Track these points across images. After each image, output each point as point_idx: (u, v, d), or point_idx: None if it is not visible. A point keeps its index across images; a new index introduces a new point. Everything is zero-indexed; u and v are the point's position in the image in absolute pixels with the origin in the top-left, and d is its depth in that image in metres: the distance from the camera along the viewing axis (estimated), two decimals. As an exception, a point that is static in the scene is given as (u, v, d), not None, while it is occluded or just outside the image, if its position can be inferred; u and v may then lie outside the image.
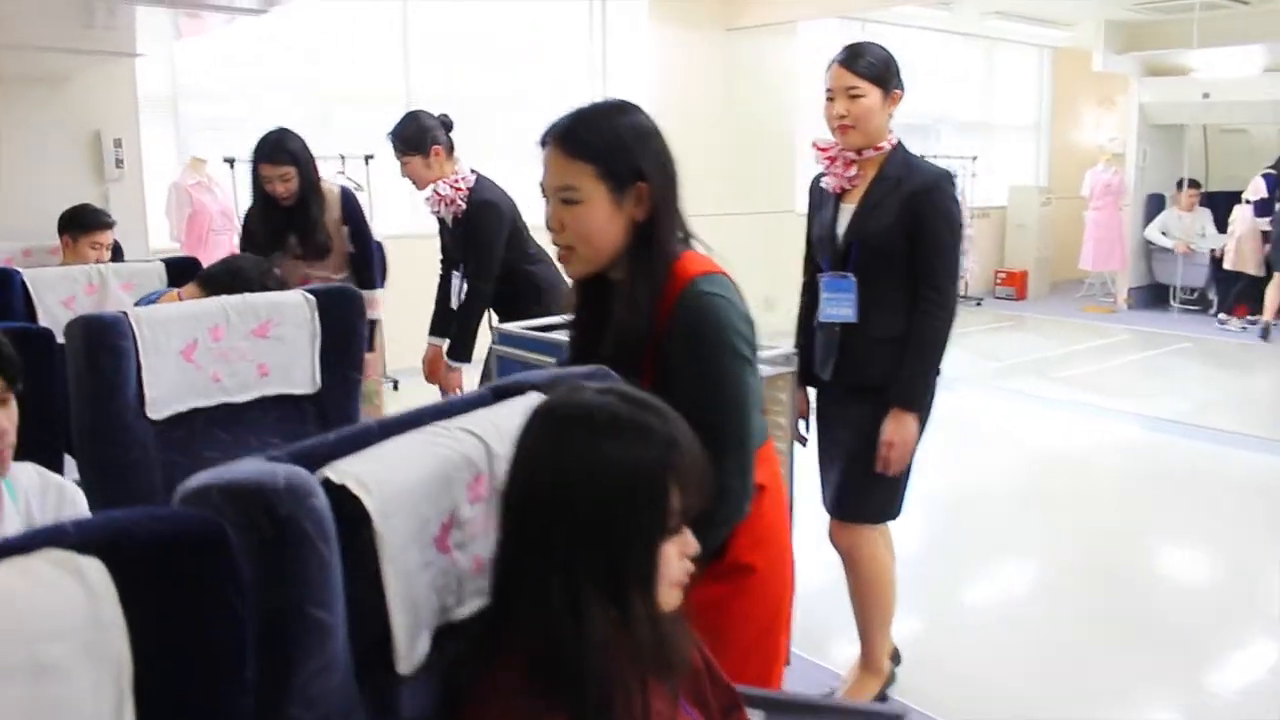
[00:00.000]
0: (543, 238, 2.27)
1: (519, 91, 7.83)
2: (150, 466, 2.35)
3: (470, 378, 3.81)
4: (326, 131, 6.62)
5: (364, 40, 7.28)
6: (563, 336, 3.43)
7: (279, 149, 3.80)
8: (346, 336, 2.62)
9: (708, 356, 1.74)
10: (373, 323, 4.02)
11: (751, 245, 6.65)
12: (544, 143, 1.76)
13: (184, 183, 5.87)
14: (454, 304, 3.82)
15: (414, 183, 3.69)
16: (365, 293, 3.17)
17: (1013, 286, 11.60)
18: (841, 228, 2.77)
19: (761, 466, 1.89)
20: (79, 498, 1.82)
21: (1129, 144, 10.69)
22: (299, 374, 2.58)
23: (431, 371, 3.89)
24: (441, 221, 3.76)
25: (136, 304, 3.21)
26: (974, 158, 10.70)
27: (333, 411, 2.64)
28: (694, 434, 1.23)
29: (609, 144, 1.72)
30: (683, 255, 1.79)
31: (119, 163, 5.16)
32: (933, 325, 2.68)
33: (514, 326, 3.35)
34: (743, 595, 1.90)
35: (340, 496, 1.12)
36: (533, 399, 1.48)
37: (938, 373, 2.74)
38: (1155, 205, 10.71)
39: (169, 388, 2.37)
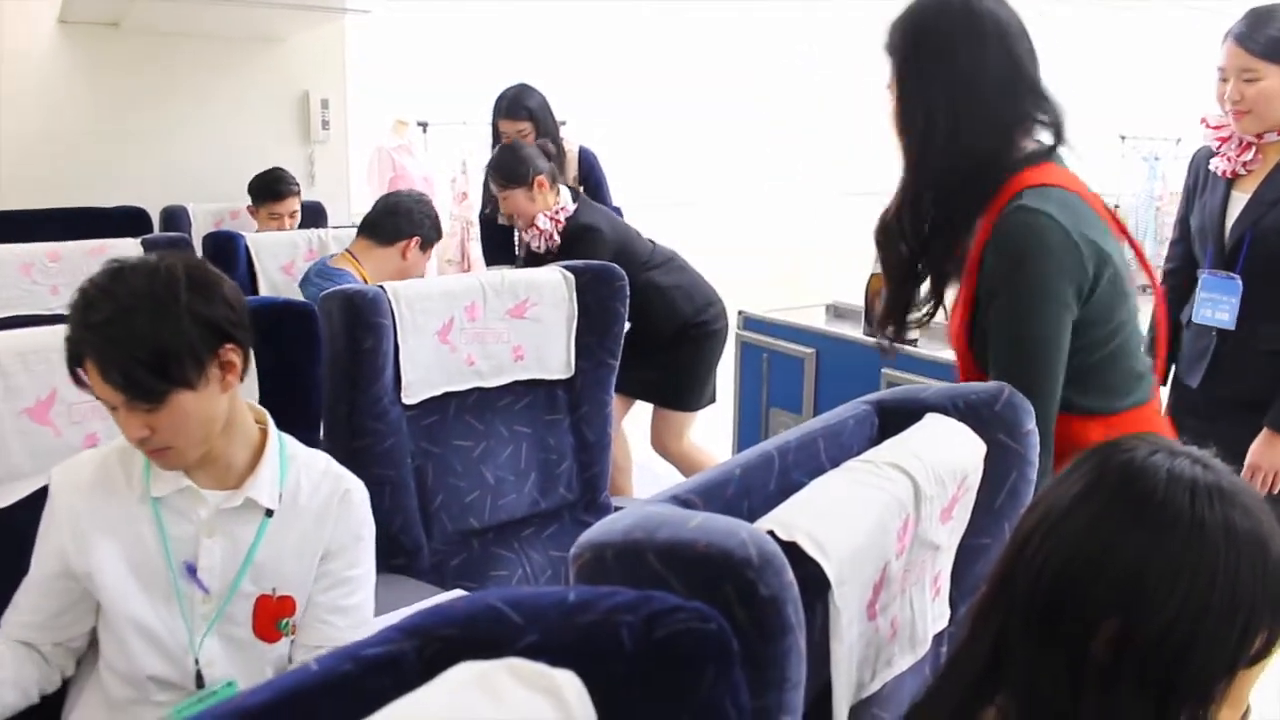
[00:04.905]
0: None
1: (711, 63, 7.53)
2: (403, 455, 2.16)
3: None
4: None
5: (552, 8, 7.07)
6: (810, 320, 3.18)
7: (516, 104, 3.61)
8: (605, 318, 2.38)
9: (1012, 290, 1.43)
10: None
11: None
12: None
13: (387, 146, 5.74)
14: None
15: (517, 218, 3.32)
16: None
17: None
18: (1231, 219, 2.36)
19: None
20: (364, 504, 1.59)
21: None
22: (554, 358, 2.36)
23: None
24: (533, 256, 3.35)
25: (309, 273, 3.01)
26: (1178, 140, 9.90)
27: (586, 400, 2.41)
28: None
29: None
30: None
31: (325, 124, 5.03)
32: None
33: (762, 310, 3.07)
34: None
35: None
36: (943, 426, 1.21)
37: None
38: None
39: (424, 370, 2.17)
